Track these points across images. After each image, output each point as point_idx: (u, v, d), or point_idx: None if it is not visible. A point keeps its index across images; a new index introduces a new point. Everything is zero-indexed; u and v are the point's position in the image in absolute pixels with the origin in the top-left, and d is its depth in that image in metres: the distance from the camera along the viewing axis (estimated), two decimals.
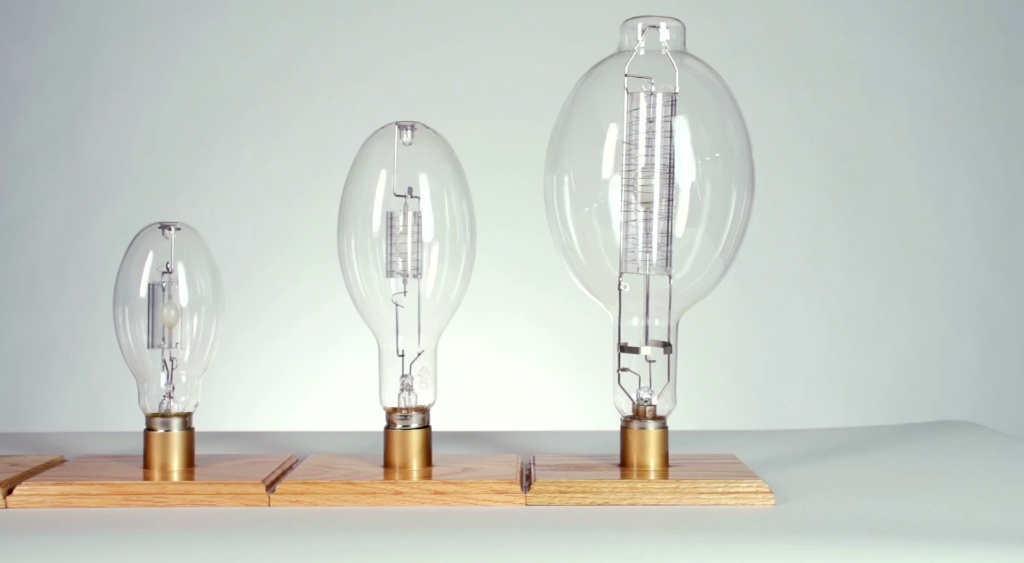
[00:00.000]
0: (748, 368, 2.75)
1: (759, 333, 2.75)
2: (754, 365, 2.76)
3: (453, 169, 1.07)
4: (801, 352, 2.68)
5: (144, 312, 1.06)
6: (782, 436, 1.34)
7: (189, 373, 1.07)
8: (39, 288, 2.84)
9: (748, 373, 2.75)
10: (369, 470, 1.05)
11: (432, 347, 1.08)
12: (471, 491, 1.00)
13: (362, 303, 1.08)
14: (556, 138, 1.08)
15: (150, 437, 1.06)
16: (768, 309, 2.72)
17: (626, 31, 1.07)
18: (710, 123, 1.05)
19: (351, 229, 1.07)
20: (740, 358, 2.75)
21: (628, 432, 1.06)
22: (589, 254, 1.07)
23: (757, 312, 2.74)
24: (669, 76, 1.04)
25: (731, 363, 2.75)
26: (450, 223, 1.07)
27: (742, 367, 2.75)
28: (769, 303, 2.71)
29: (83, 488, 1.00)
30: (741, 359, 2.75)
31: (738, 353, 2.75)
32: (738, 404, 2.75)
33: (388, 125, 1.08)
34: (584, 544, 0.88)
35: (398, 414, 1.07)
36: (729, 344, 2.75)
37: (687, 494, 0.99)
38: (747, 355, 2.75)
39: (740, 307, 2.72)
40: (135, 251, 1.07)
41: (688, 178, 1.04)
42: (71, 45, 2.87)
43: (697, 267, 1.06)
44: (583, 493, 1.00)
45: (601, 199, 1.05)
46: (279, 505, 1.00)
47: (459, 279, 1.08)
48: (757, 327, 2.74)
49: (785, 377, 2.72)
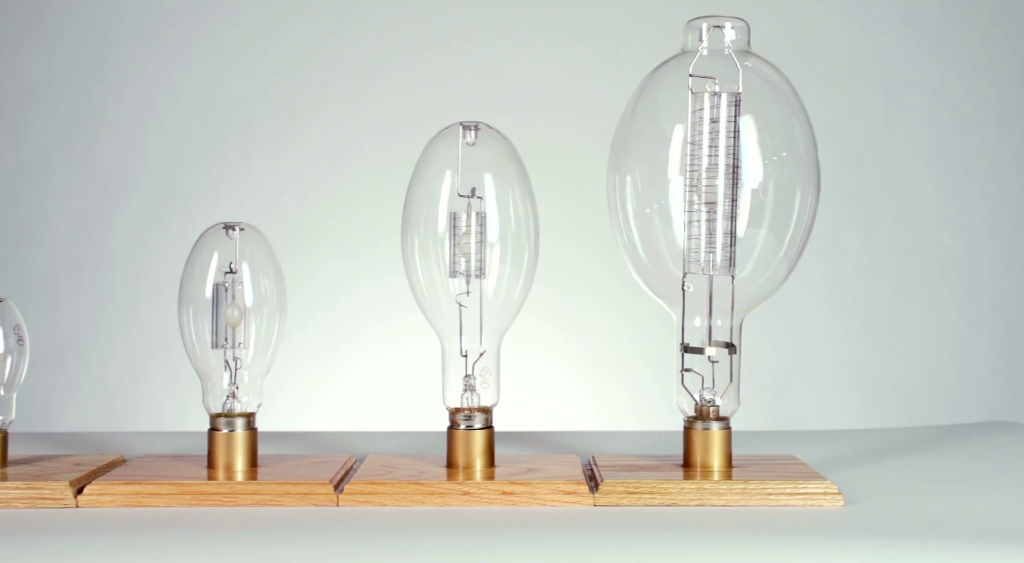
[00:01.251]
0: (764, 368, 2.76)
1: (774, 333, 2.75)
2: (769, 365, 2.76)
3: (517, 169, 1.08)
4: (816, 352, 2.68)
5: (208, 312, 1.06)
6: (831, 436, 1.34)
7: (252, 373, 1.07)
8: (54, 287, 2.83)
9: (764, 373, 2.76)
10: (433, 470, 1.05)
11: (495, 348, 1.08)
12: (539, 492, 1.00)
13: (425, 303, 1.09)
14: (619, 138, 1.08)
15: (214, 437, 1.06)
16: (783, 309, 2.72)
17: (690, 31, 1.07)
18: (775, 123, 1.05)
19: (414, 230, 1.07)
20: (756, 358, 2.75)
21: (692, 433, 1.06)
22: (651, 254, 1.07)
23: (772, 312, 2.74)
24: (733, 76, 1.04)
25: (747, 363, 2.75)
26: (515, 223, 1.07)
27: (759, 368, 2.75)
28: (784, 303, 2.71)
29: (153, 488, 1.00)
30: (757, 359, 2.75)
31: (754, 353, 2.75)
32: (753, 403, 2.76)
33: (451, 125, 1.08)
34: (655, 546, 0.88)
35: (461, 414, 1.07)
36: (744, 344, 2.75)
37: (755, 495, 1.00)
38: (763, 355, 2.75)
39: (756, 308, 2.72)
40: (199, 251, 1.07)
41: (752, 178, 1.04)
42: (86, 44, 2.86)
43: (760, 267, 1.06)
44: (651, 494, 1.00)
45: (664, 199, 1.05)
46: (347, 505, 1.00)
47: (522, 279, 1.08)
48: (772, 327, 2.75)
49: (800, 377, 2.73)
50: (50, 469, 1.04)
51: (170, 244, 2.82)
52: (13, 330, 1.04)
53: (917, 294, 2.63)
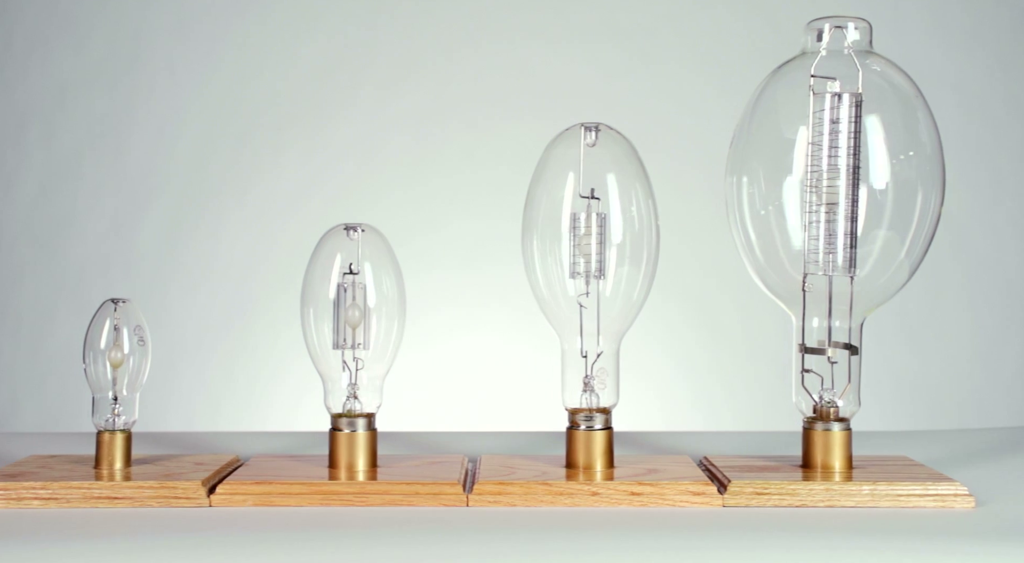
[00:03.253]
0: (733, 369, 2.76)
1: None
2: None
3: (638, 169, 1.08)
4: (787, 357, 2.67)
5: (329, 313, 1.06)
6: (929, 436, 1.35)
7: (372, 373, 1.07)
8: (85, 287, 2.83)
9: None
10: (554, 471, 1.06)
11: (614, 348, 1.08)
12: (667, 492, 1.01)
13: (544, 304, 1.09)
14: (738, 139, 1.09)
15: (336, 437, 1.06)
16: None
17: (810, 32, 1.08)
18: (898, 123, 1.06)
19: (534, 230, 1.08)
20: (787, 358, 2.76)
21: (812, 433, 1.06)
22: (769, 255, 1.07)
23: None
24: (855, 76, 1.04)
25: (779, 363, 2.75)
26: (638, 223, 1.07)
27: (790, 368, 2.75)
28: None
29: (284, 488, 1.00)
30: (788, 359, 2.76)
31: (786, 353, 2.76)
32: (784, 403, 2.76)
33: (572, 127, 1.08)
34: (788, 547, 0.89)
35: (581, 415, 1.07)
36: (777, 345, 2.76)
37: (885, 497, 1.00)
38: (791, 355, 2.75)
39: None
40: (320, 252, 1.07)
41: (874, 178, 1.04)
42: (117, 44, 2.86)
43: (881, 268, 1.06)
44: (780, 495, 1.00)
45: (783, 200, 1.06)
46: (477, 505, 1.00)
47: (640, 279, 1.08)
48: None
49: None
50: (174, 469, 1.04)
51: (201, 242, 2.81)
52: (134, 331, 1.04)
53: (948, 294, 2.64)
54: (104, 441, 1.04)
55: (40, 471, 1.02)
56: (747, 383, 2.72)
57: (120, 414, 1.05)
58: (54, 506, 0.97)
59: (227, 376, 2.71)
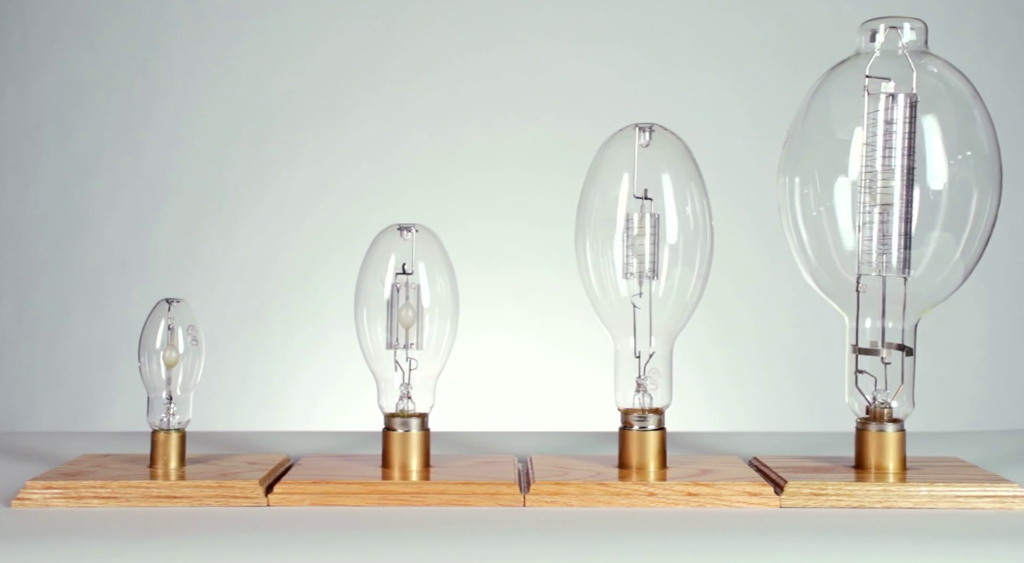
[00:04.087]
0: (816, 371, 2.76)
1: (824, 336, 2.76)
2: (820, 368, 2.77)
3: (692, 169, 1.07)
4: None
5: (383, 313, 1.06)
6: (971, 437, 1.35)
7: (425, 373, 1.07)
8: (101, 287, 2.82)
9: (816, 376, 2.76)
10: (608, 471, 1.05)
11: (667, 349, 1.08)
12: (724, 492, 1.01)
13: (597, 304, 1.09)
14: (792, 140, 1.09)
15: (390, 437, 1.06)
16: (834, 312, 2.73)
17: (864, 32, 1.08)
18: (953, 123, 1.05)
19: (587, 231, 1.07)
20: (803, 361, 2.76)
21: (866, 434, 1.06)
22: (821, 255, 1.07)
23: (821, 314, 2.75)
24: (910, 77, 1.04)
25: (794, 364, 2.76)
26: (692, 224, 1.07)
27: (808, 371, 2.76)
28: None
29: (341, 487, 0.99)
30: (805, 362, 2.76)
31: (801, 356, 2.76)
32: (801, 404, 2.77)
33: (626, 128, 1.08)
34: (848, 548, 0.89)
35: (634, 415, 1.07)
36: (794, 347, 2.76)
37: (943, 498, 1.00)
38: (811, 358, 2.76)
39: (806, 311, 2.73)
40: (374, 252, 1.07)
41: (929, 179, 1.04)
42: (133, 44, 2.85)
43: (935, 269, 1.06)
44: (837, 496, 1.00)
45: (836, 201, 1.06)
46: (534, 505, 1.00)
47: (694, 280, 1.08)
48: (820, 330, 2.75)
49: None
50: (228, 468, 1.04)
51: (217, 242, 2.81)
52: (187, 330, 1.04)
53: (969, 298, 2.63)
54: (159, 440, 1.04)
55: (96, 470, 1.02)
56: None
57: (175, 413, 1.04)
58: (114, 505, 0.97)
59: (244, 374, 2.70)
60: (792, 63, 2.68)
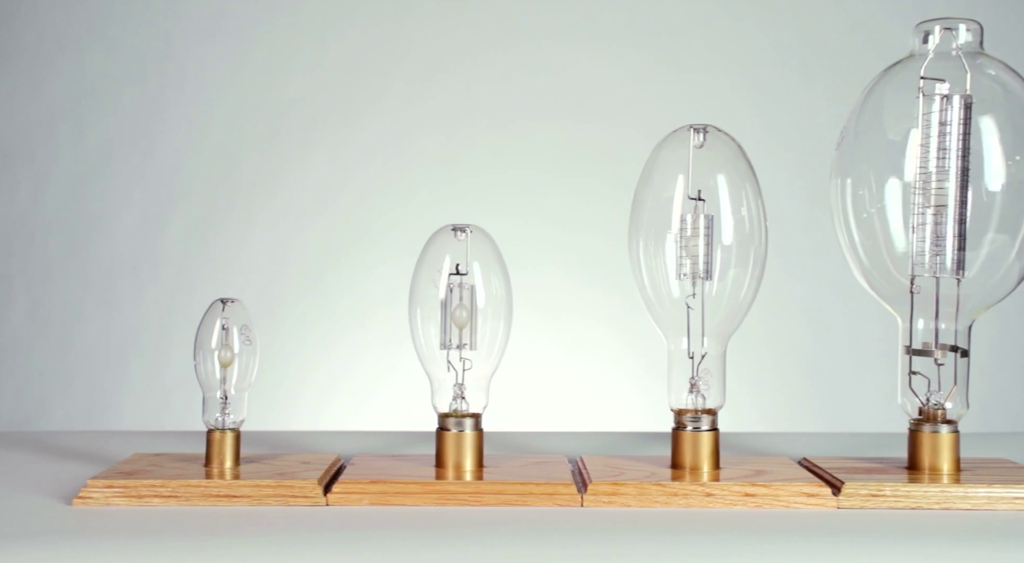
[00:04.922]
0: (824, 372, 2.76)
1: (832, 337, 2.76)
2: (829, 369, 2.77)
3: (747, 170, 1.07)
4: (876, 359, 2.69)
5: (437, 313, 1.06)
6: (1016, 438, 1.35)
7: (479, 374, 1.07)
8: (114, 286, 2.82)
9: (824, 376, 2.77)
10: (662, 472, 1.05)
11: (720, 350, 1.08)
12: (781, 493, 1.00)
13: (650, 305, 1.08)
14: (846, 141, 1.08)
15: (444, 437, 1.06)
16: (841, 316, 2.73)
17: (919, 34, 1.07)
18: (1009, 125, 1.05)
19: (640, 232, 1.07)
20: (814, 361, 2.77)
21: (919, 435, 1.06)
22: (874, 257, 1.07)
23: (828, 317, 2.75)
24: (965, 78, 1.04)
25: (805, 364, 2.76)
26: (748, 224, 1.07)
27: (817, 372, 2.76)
28: (842, 310, 2.72)
29: (400, 487, 0.99)
30: (815, 362, 2.76)
31: (812, 356, 2.77)
32: (811, 404, 2.77)
33: (679, 129, 1.08)
34: (910, 551, 0.89)
35: (688, 415, 1.07)
36: (802, 346, 2.77)
37: (1002, 500, 1.00)
38: (821, 357, 2.76)
39: (814, 313, 2.74)
40: (427, 253, 1.06)
41: (986, 180, 1.04)
42: (146, 44, 2.85)
43: (990, 270, 1.06)
44: (895, 497, 1.00)
45: (888, 202, 1.06)
46: (591, 505, 1.00)
47: (748, 280, 1.08)
48: (828, 331, 2.75)
49: (860, 382, 2.74)
50: (283, 467, 1.04)
51: (228, 242, 2.80)
52: (241, 330, 1.04)
53: None
54: (215, 440, 1.03)
55: (153, 469, 1.02)
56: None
57: (229, 413, 1.04)
58: (174, 504, 0.96)
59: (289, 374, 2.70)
60: (802, 62, 2.69)
